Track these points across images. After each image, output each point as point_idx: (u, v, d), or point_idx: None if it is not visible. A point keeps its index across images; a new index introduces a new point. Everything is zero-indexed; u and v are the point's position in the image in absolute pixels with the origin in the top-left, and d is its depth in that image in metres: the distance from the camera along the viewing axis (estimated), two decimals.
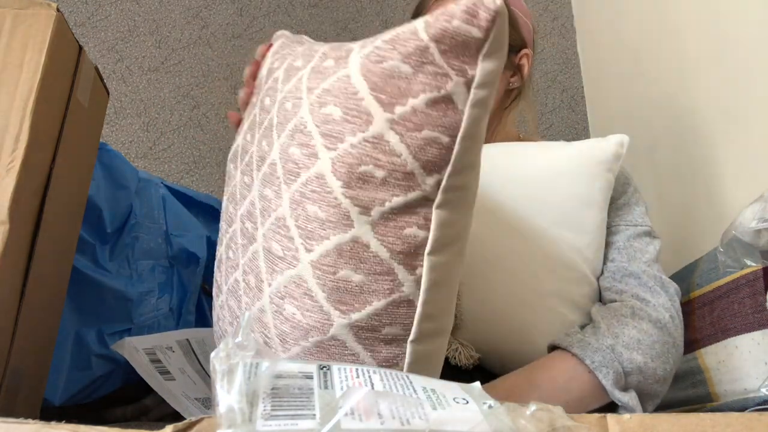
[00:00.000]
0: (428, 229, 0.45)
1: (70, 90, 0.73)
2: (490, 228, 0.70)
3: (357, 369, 0.42)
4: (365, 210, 0.45)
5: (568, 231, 0.71)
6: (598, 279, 0.74)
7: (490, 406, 0.39)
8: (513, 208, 0.71)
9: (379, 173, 0.45)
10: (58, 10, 0.68)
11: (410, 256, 0.46)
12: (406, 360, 0.47)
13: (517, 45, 0.89)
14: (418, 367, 0.47)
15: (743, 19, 0.96)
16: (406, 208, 0.45)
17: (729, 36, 0.99)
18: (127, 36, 1.63)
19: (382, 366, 0.47)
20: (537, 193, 0.72)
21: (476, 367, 0.68)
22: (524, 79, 0.92)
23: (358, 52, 0.49)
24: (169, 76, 1.62)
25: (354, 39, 1.59)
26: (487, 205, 0.71)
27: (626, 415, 0.37)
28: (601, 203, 0.72)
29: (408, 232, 0.45)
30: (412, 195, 0.45)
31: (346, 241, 0.45)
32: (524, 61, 0.91)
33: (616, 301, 0.68)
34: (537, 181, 0.72)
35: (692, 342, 0.83)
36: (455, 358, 0.65)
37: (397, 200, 0.45)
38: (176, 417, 0.76)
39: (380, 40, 0.47)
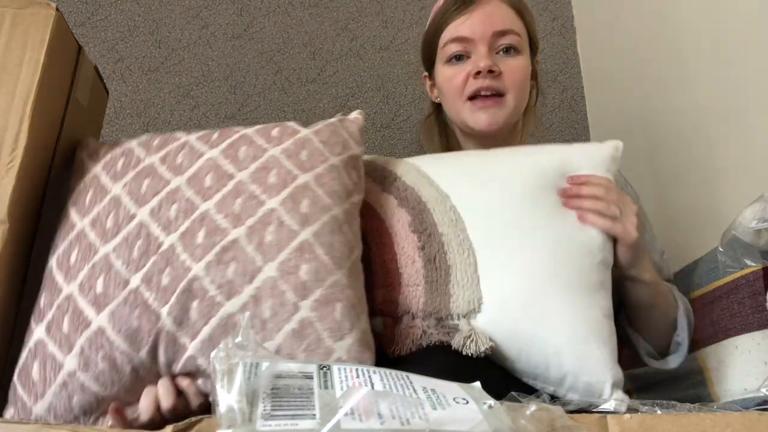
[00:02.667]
0: None
1: (70, 90, 0.73)
2: (504, 218, 0.72)
3: (357, 369, 0.42)
4: None
5: (578, 224, 0.73)
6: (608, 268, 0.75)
7: (490, 406, 0.39)
8: (527, 200, 0.73)
9: None
10: (57, 9, 0.68)
11: None
12: None
13: (536, 48, 0.95)
14: None
15: (743, 20, 0.95)
16: None
17: (729, 36, 0.99)
18: (127, 36, 1.63)
19: None
20: (544, 189, 0.74)
21: (486, 359, 0.67)
22: (537, 84, 0.98)
23: None
24: (169, 76, 1.62)
25: (354, 39, 1.57)
26: (501, 198, 0.74)
27: (626, 416, 0.37)
28: None
29: None
30: None
31: None
32: (536, 67, 0.97)
33: None
34: (543, 178, 0.75)
35: (692, 342, 0.83)
36: (467, 346, 0.65)
37: None
38: None
39: None
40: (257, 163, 0.66)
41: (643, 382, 0.91)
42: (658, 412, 0.49)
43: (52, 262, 0.64)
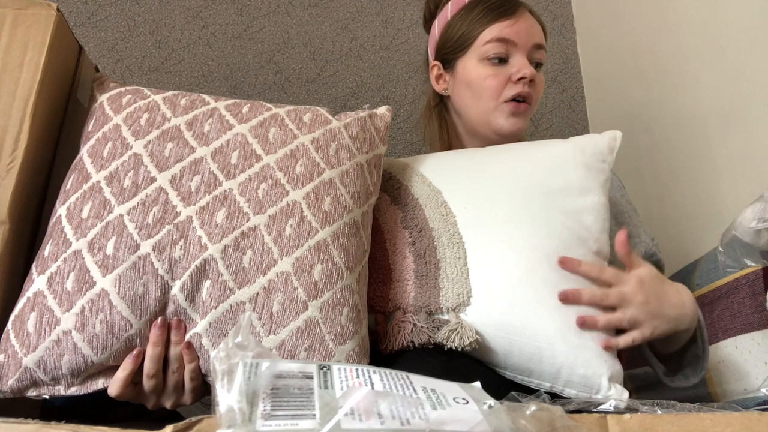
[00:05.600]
0: None
1: (70, 90, 0.73)
2: (494, 211, 0.72)
3: (357, 369, 0.42)
4: None
5: (572, 214, 0.73)
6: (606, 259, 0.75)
7: (490, 406, 0.39)
8: (518, 193, 0.73)
9: None
10: (58, 10, 0.68)
11: None
12: None
13: None
14: None
15: (742, 19, 0.96)
16: None
17: (728, 36, 0.99)
18: (127, 36, 1.63)
19: None
20: (537, 181, 0.74)
21: (474, 358, 0.67)
22: None
23: None
24: (169, 76, 1.62)
25: (354, 39, 1.57)
26: (492, 192, 0.74)
27: (626, 415, 0.37)
28: (599, 189, 0.75)
29: None
30: None
31: None
32: None
33: None
34: (539, 171, 0.75)
35: None
36: (451, 339, 0.64)
37: None
38: (176, 417, 0.76)
39: None
40: (286, 149, 0.65)
41: (643, 382, 0.91)
42: (658, 412, 0.49)
43: (62, 210, 0.61)
